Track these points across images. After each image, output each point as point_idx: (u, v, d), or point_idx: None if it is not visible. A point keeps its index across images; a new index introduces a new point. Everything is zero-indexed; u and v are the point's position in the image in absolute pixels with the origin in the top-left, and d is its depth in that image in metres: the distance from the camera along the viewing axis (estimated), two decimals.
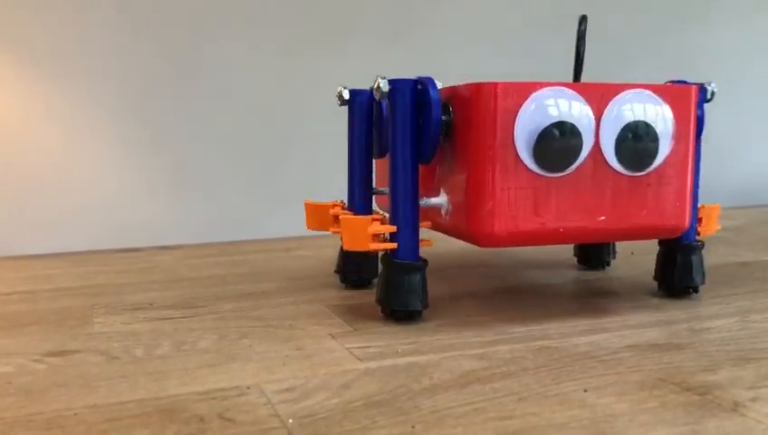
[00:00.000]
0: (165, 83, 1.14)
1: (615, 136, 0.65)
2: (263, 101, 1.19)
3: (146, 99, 1.13)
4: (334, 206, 0.79)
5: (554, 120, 0.62)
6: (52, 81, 1.08)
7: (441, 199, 0.69)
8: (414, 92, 0.65)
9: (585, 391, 0.52)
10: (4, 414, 0.49)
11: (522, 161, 0.63)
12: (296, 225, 1.15)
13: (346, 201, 0.79)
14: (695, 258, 0.75)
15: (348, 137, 0.78)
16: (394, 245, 0.66)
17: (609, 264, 0.91)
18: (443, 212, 0.69)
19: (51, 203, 1.10)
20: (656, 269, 0.78)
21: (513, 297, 0.78)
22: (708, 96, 0.73)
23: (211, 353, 0.60)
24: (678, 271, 0.75)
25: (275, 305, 0.75)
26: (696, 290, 0.76)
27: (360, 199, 0.77)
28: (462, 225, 0.66)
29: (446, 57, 1.27)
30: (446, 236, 0.71)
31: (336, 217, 0.78)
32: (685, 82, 0.71)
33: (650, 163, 0.66)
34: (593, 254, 0.91)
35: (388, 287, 0.67)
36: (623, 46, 1.40)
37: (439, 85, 0.66)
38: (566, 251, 1.03)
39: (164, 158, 1.15)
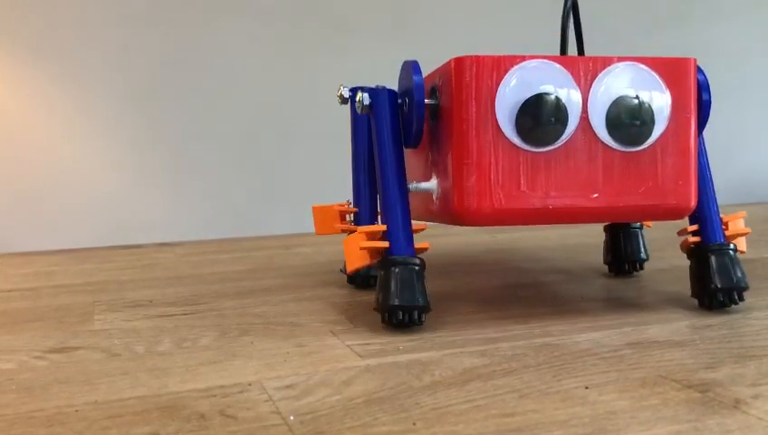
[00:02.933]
0: (165, 81, 1.14)
1: (605, 110, 0.63)
2: (263, 98, 1.19)
3: (147, 96, 1.13)
4: (340, 209, 0.77)
5: (536, 92, 0.61)
6: (53, 79, 1.08)
7: (431, 184, 0.68)
8: (393, 104, 0.67)
9: (586, 388, 0.52)
10: (5, 411, 0.49)
11: (504, 135, 0.62)
12: (297, 221, 1.16)
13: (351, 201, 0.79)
14: (731, 259, 0.68)
15: (351, 136, 0.77)
16: (385, 243, 0.65)
17: (642, 267, 0.85)
18: (434, 197, 0.68)
19: (52, 200, 1.10)
20: (692, 283, 0.71)
21: (515, 295, 0.78)
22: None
23: (212, 350, 0.60)
24: (717, 275, 0.68)
25: (276, 302, 0.75)
26: (741, 297, 0.69)
27: (365, 198, 0.76)
28: (448, 206, 0.65)
29: (448, 51, 1.26)
30: (446, 234, 0.71)
31: (342, 216, 0.77)
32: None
33: (645, 138, 0.64)
34: (622, 259, 0.85)
35: (385, 286, 0.64)
36: (623, 44, 1.39)
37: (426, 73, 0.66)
38: (566, 250, 1.03)
39: (165, 155, 1.15)
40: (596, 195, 0.63)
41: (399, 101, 0.68)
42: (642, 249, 0.85)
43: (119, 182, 1.13)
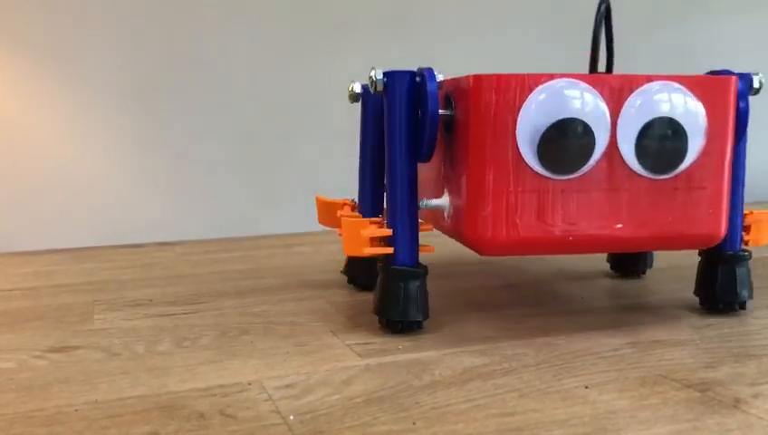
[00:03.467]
0: (166, 81, 1.14)
1: (635, 135, 0.58)
2: (264, 97, 1.19)
3: (147, 96, 1.13)
4: (344, 205, 0.77)
5: (561, 117, 0.57)
6: (54, 78, 1.08)
7: (443, 201, 0.64)
8: (412, 84, 0.61)
9: (586, 387, 0.52)
10: (5, 410, 0.49)
11: (525, 162, 0.57)
12: (297, 221, 1.15)
13: (357, 200, 0.77)
14: (740, 270, 0.66)
15: (360, 134, 0.75)
16: (390, 249, 0.62)
17: (644, 272, 0.84)
18: (445, 214, 0.65)
19: (52, 200, 1.10)
20: (696, 283, 0.70)
21: (515, 294, 0.78)
22: (756, 85, 0.64)
23: (212, 350, 0.60)
24: (721, 285, 0.67)
25: (276, 302, 0.75)
26: (742, 306, 0.68)
27: (369, 200, 0.75)
28: (461, 229, 0.61)
29: (449, 51, 1.26)
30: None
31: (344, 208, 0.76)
32: (729, 72, 0.63)
33: (677, 165, 0.59)
34: (626, 261, 0.83)
35: (384, 296, 0.62)
36: (622, 44, 1.39)
37: (440, 77, 0.61)
38: None
39: (165, 154, 1.15)
40: (620, 225, 0.59)
41: (418, 79, 0.61)
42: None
43: (119, 182, 1.13)
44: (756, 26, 1.55)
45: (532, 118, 0.57)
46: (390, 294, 0.62)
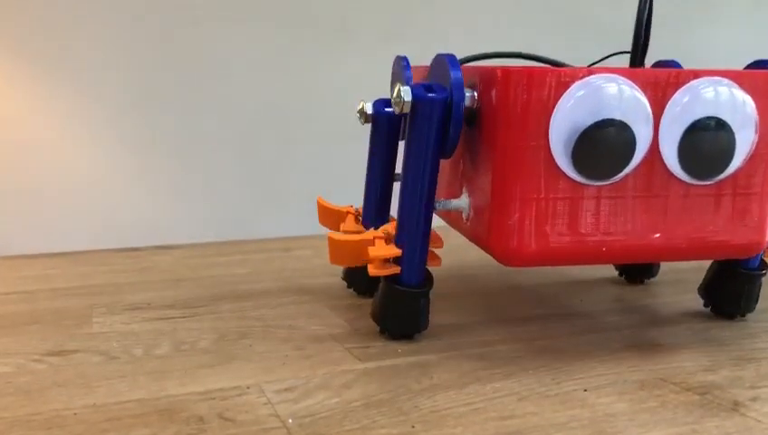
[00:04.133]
0: (164, 83, 1.14)
1: (679, 137, 0.53)
2: (263, 99, 1.19)
3: (145, 98, 1.13)
4: (347, 213, 0.75)
5: (600, 118, 0.51)
6: (52, 80, 1.08)
7: (462, 202, 0.59)
8: (442, 110, 0.55)
9: (585, 390, 0.52)
10: (3, 414, 0.49)
11: (557, 166, 0.52)
12: (296, 224, 1.15)
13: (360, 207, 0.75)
14: (756, 285, 0.64)
15: (369, 145, 0.71)
16: (397, 269, 0.59)
17: (654, 274, 0.80)
18: (464, 216, 0.60)
19: (49, 203, 1.10)
20: (706, 287, 0.67)
21: (514, 297, 0.78)
22: None
23: (211, 353, 0.60)
24: (731, 295, 0.65)
25: (275, 305, 0.75)
26: (743, 316, 0.66)
27: (373, 201, 0.72)
28: (483, 236, 0.56)
29: (450, 49, 1.26)
30: (445, 236, 0.69)
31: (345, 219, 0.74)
32: None
33: (722, 170, 0.54)
34: (634, 268, 0.80)
35: (385, 310, 0.61)
36: (622, 44, 1.39)
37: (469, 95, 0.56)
38: None
39: (163, 157, 1.15)
40: (658, 234, 0.55)
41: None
42: None
43: (117, 185, 1.13)
44: (758, 27, 1.55)
45: (568, 117, 0.51)
46: (392, 311, 0.61)
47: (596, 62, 0.69)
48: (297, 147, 1.22)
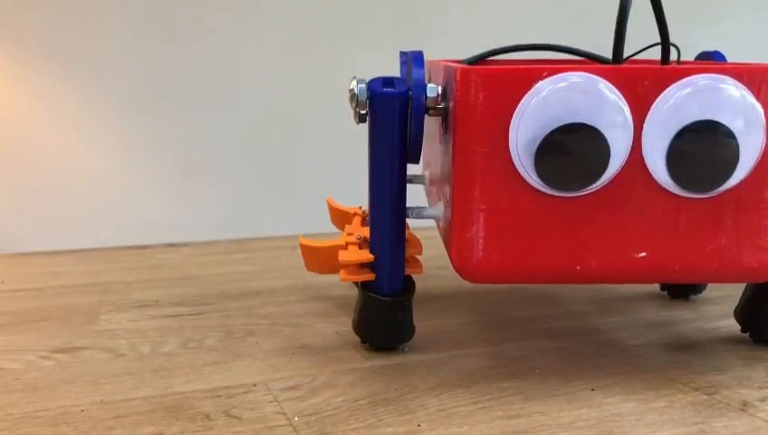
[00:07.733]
0: (171, 81, 1.14)
1: (667, 143, 0.46)
2: (270, 97, 1.19)
3: (152, 96, 1.13)
4: (354, 214, 0.74)
5: (564, 123, 0.45)
6: (59, 79, 1.09)
7: (435, 210, 0.56)
8: (403, 108, 0.52)
9: (592, 390, 0.51)
10: (11, 410, 0.49)
11: (519, 175, 0.47)
12: (303, 222, 1.15)
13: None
14: None
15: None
16: (371, 276, 0.56)
17: (700, 291, 0.72)
18: (440, 225, 0.56)
19: (58, 200, 1.10)
20: (741, 309, 0.60)
21: (521, 296, 0.78)
22: None
23: (217, 351, 0.60)
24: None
25: (282, 303, 0.75)
26: None
27: None
28: (448, 248, 0.51)
29: (454, 54, 1.26)
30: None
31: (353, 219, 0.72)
32: None
33: (723, 181, 0.46)
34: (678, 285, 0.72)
35: (363, 322, 0.58)
36: (625, 42, 1.39)
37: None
38: None
39: (171, 155, 1.15)
40: (643, 254, 0.48)
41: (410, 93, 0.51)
42: None
43: (125, 182, 1.13)
44: (759, 27, 1.54)
45: (530, 122, 0.46)
46: (370, 323, 0.58)
47: (631, 56, 0.64)
48: (305, 145, 1.22)
